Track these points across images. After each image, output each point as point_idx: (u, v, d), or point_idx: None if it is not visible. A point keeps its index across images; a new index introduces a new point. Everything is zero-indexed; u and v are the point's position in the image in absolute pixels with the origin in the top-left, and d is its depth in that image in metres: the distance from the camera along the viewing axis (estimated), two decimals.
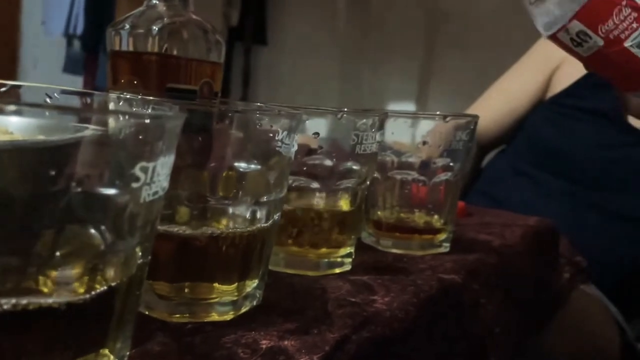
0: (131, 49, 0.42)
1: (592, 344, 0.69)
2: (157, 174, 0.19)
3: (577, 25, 0.34)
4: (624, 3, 0.33)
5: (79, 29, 2.03)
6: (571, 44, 0.35)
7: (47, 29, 2.12)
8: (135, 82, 0.42)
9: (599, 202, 0.77)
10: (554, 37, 0.36)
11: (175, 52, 0.42)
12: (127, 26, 0.42)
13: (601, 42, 0.34)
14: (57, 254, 0.17)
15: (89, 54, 2.01)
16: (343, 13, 2.03)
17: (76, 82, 2.06)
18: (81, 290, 0.18)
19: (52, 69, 2.14)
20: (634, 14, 0.32)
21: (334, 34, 2.03)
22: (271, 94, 2.16)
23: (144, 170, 0.18)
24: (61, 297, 0.18)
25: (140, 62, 0.42)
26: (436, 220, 0.44)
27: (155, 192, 0.19)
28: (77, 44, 2.09)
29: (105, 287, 0.19)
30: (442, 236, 0.44)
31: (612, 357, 0.71)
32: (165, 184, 0.20)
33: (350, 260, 0.39)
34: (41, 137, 0.20)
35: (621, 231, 0.76)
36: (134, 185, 0.18)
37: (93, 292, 0.18)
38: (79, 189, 0.17)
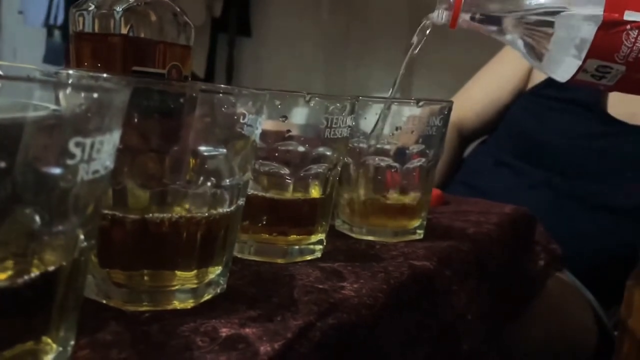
0: (95, 30, 0.40)
1: (568, 331, 0.70)
2: (96, 151, 0.18)
3: (593, 62, 0.34)
4: (628, 27, 0.32)
5: (60, 19, 1.99)
6: (593, 80, 0.35)
7: (26, 19, 2.07)
8: (99, 65, 0.40)
9: (578, 191, 0.78)
10: (573, 81, 0.35)
11: (141, 34, 0.41)
12: (92, 6, 0.40)
13: (623, 68, 0.34)
14: None
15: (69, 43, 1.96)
16: (327, 4, 2.01)
17: None
18: (12, 274, 0.17)
19: (33, 59, 2.09)
20: None
21: (317, 25, 2.01)
22: (255, 85, 2.13)
23: (81, 146, 0.17)
24: None
25: (105, 44, 0.40)
26: (410, 207, 0.43)
27: (96, 171, 0.18)
28: (57, 34, 2.05)
29: (44, 272, 0.18)
30: (416, 223, 0.43)
31: (588, 345, 0.71)
32: (108, 162, 0.19)
33: (321, 247, 0.38)
34: None
35: (599, 220, 0.76)
36: (70, 162, 0.17)
37: (27, 277, 0.17)
38: (17, 168, 0.16)
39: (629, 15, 0.32)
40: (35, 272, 0.18)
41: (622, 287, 0.57)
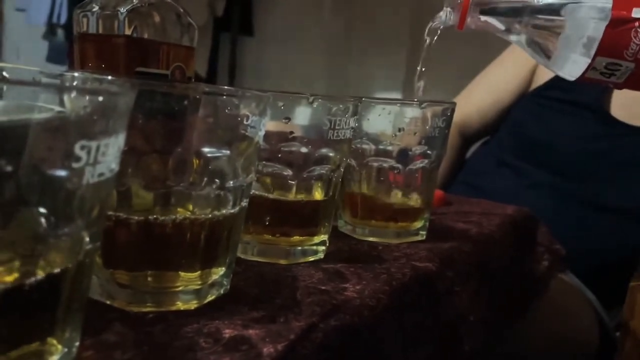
0: (99, 31, 0.40)
1: (571, 332, 0.70)
2: (101, 154, 0.18)
3: (602, 60, 0.34)
4: (636, 24, 0.33)
5: (63, 18, 1.99)
6: (603, 77, 0.35)
7: (28, 18, 2.07)
8: (103, 66, 0.41)
9: (580, 193, 0.78)
10: (583, 79, 0.35)
11: (145, 35, 0.41)
12: (96, 7, 0.41)
13: (632, 65, 0.34)
14: None
15: (73, 44, 1.97)
16: (329, 4, 2.01)
17: None
18: (18, 276, 0.17)
19: (36, 58, 2.10)
20: None
21: (320, 25, 2.01)
22: (258, 85, 2.14)
23: (86, 149, 0.17)
24: None
25: (109, 45, 0.40)
26: (412, 208, 0.43)
27: (102, 174, 0.18)
28: (60, 33, 2.06)
29: (49, 273, 0.18)
30: (419, 224, 0.43)
31: (590, 346, 0.71)
32: (113, 165, 0.19)
33: (324, 248, 0.38)
34: None
35: (601, 221, 0.76)
36: (75, 165, 0.17)
37: (33, 279, 0.17)
38: (23, 170, 0.16)
39: (637, 13, 0.32)
40: (41, 274, 0.18)
41: (624, 289, 0.57)
